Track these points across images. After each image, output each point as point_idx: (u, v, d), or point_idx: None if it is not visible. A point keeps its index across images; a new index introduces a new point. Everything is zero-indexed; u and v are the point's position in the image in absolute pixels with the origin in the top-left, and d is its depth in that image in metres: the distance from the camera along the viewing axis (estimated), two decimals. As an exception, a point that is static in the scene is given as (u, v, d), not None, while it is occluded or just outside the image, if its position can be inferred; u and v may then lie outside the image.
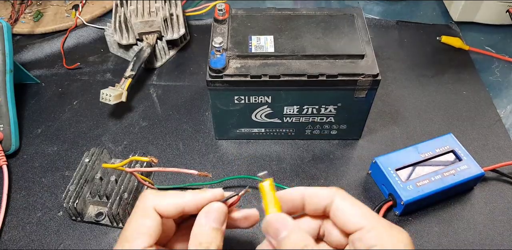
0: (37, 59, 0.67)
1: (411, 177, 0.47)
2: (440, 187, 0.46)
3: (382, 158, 0.48)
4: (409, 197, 0.45)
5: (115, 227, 0.47)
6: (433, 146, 0.49)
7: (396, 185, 0.46)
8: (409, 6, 0.77)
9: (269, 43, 0.48)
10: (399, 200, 0.45)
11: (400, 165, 0.47)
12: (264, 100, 0.49)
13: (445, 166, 0.48)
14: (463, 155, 0.48)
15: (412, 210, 0.47)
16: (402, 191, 0.45)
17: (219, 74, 0.46)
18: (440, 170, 0.47)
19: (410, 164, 0.48)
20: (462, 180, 0.46)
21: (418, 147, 0.49)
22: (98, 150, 0.50)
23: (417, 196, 0.45)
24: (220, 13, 0.51)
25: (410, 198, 0.45)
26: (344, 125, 0.53)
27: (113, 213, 0.45)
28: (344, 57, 0.47)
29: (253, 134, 0.54)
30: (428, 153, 0.48)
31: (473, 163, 0.48)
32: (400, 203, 0.45)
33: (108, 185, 0.47)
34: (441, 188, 0.46)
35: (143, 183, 0.45)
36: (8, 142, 0.54)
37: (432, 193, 0.45)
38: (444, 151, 0.49)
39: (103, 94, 0.56)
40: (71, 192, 0.46)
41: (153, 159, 0.40)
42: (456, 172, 0.47)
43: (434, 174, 0.47)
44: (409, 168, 0.48)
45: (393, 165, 0.47)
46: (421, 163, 0.48)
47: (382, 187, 0.49)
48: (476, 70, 0.65)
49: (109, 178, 0.47)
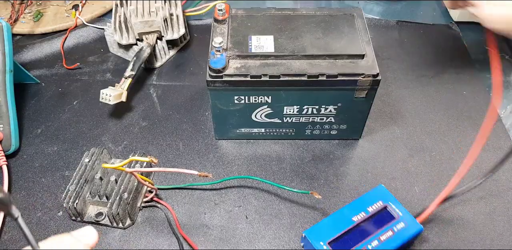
0: (37, 59, 0.67)
1: (347, 248, 0.41)
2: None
3: (311, 230, 0.42)
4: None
5: (115, 227, 0.47)
6: (365, 204, 0.44)
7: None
8: (409, 6, 0.77)
9: (269, 43, 0.48)
10: None
11: (333, 236, 0.42)
12: (264, 100, 0.49)
13: (381, 226, 0.43)
14: (398, 210, 0.44)
15: None
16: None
17: (219, 74, 0.46)
18: (376, 234, 0.42)
19: (343, 232, 0.42)
20: (401, 242, 0.42)
21: (350, 208, 0.44)
22: (98, 150, 0.50)
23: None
24: (220, 13, 0.51)
25: None
26: (344, 125, 0.53)
27: (113, 213, 0.45)
28: (344, 57, 0.47)
29: (253, 134, 0.54)
30: (361, 215, 0.43)
31: (409, 218, 0.43)
32: None
33: (108, 185, 0.47)
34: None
35: (143, 183, 0.45)
36: (8, 142, 0.54)
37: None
38: (377, 208, 0.44)
39: (103, 94, 0.56)
40: (71, 192, 0.46)
41: (153, 159, 0.40)
42: (394, 234, 0.42)
43: (370, 240, 0.42)
44: (343, 238, 0.42)
45: (325, 237, 0.41)
46: (355, 228, 0.43)
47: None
48: (476, 70, 0.65)
49: (109, 178, 0.47)
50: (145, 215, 0.48)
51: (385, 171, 0.52)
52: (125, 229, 0.47)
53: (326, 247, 0.41)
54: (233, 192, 0.50)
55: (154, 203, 0.49)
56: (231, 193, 0.50)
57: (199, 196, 0.50)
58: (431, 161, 0.53)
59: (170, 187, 0.51)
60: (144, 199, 0.49)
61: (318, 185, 0.51)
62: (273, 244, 0.46)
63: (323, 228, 0.42)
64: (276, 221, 0.48)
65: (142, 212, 0.49)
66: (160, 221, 0.48)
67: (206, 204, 0.49)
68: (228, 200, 0.50)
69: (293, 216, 0.48)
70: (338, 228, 0.42)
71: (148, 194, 0.49)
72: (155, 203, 0.49)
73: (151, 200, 0.49)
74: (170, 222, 0.47)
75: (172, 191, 0.50)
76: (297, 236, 0.46)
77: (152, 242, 0.46)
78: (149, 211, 0.49)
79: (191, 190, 0.50)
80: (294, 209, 0.49)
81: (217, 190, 0.51)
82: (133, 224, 0.47)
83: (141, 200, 0.49)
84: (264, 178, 0.51)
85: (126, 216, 0.47)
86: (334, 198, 0.50)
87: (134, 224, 0.47)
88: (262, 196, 0.50)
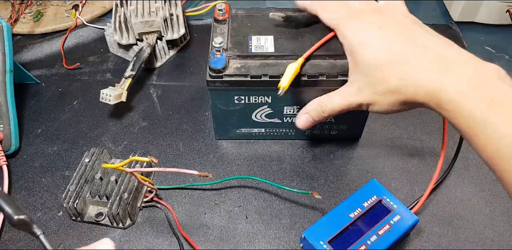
0: (37, 59, 0.67)
1: (347, 246, 0.42)
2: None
3: (310, 230, 0.43)
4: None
5: (115, 227, 0.47)
6: (360, 199, 0.45)
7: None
8: (409, 6, 0.76)
9: (269, 43, 0.48)
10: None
11: (332, 234, 0.42)
12: (264, 100, 0.49)
13: (378, 221, 0.43)
14: (393, 203, 0.45)
15: None
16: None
17: (219, 74, 0.46)
18: (374, 229, 0.43)
19: (342, 230, 0.43)
20: (398, 234, 0.43)
21: (346, 205, 0.44)
22: (98, 150, 0.50)
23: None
24: (220, 13, 0.51)
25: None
26: (344, 125, 0.53)
27: (113, 213, 0.45)
28: (344, 57, 0.47)
29: (253, 134, 0.54)
30: (357, 211, 0.44)
31: (404, 210, 0.44)
32: None
33: (108, 185, 0.47)
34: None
35: (143, 183, 0.45)
36: (8, 142, 0.54)
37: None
38: (372, 203, 0.45)
39: (103, 94, 0.56)
40: (71, 192, 0.46)
41: (153, 159, 0.40)
42: (391, 227, 0.43)
43: (369, 235, 0.42)
44: (342, 235, 0.43)
45: (324, 237, 0.42)
46: (353, 224, 0.43)
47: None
48: (476, 70, 0.64)
49: (109, 178, 0.47)
50: (145, 215, 0.48)
51: (385, 171, 0.52)
52: (125, 229, 0.47)
53: (326, 246, 0.41)
54: (233, 192, 0.50)
55: (154, 203, 0.49)
56: (231, 193, 0.50)
57: (199, 196, 0.50)
58: (431, 161, 0.53)
59: (170, 187, 0.51)
60: (144, 199, 0.49)
61: (318, 185, 0.51)
62: (273, 244, 0.46)
63: (322, 228, 0.43)
64: (276, 221, 0.48)
65: (142, 212, 0.49)
66: (160, 221, 0.48)
67: (206, 204, 0.49)
68: (228, 200, 0.50)
69: (293, 216, 0.48)
70: (336, 226, 0.43)
71: (148, 194, 0.49)
72: (155, 203, 0.49)
73: (151, 200, 0.49)
74: (170, 222, 0.47)
75: (172, 191, 0.51)
76: (297, 236, 0.46)
77: (152, 242, 0.46)
78: (149, 211, 0.49)
79: (191, 190, 0.50)
80: (294, 209, 0.49)
81: (217, 190, 0.51)
82: (133, 224, 0.47)
83: (141, 200, 0.49)
84: (264, 178, 0.51)
85: (126, 216, 0.47)
86: (334, 198, 0.50)
87: (134, 224, 0.47)
88: (262, 196, 0.50)
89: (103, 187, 0.47)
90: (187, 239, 0.46)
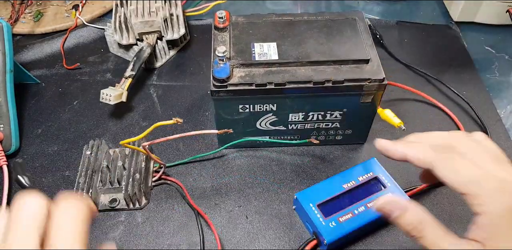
0: (37, 59, 0.67)
1: (334, 212, 0.43)
2: (364, 221, 0.43)
3: (303, 193, 0.45)
4: (331, 235, 0.42)
5: (132, 209, 0.49)
6: (356, 174, 0.46)
7: (318, 222, 0.43)
8: (409, 6, 0.77)
9: (272, 50, 0.47)
10: (322, 239, 0.42)
11: (322, 199, 0.44)
12: (269, 108, 0.48)
13: (368, 195, 0.45)
14: (387, 181, 0.46)
15: (338, 246, 0.45)
16: (324, 229, 0.42)
17: (224, 84, 0.45)
18: (363, 201, 0.44)
19: (332, 197, 0.44)
20: None
21: (341, 177, 0.46)
22: (97, 142, 0.51)
23: (340, 234, 0.42)
24: (221, 21, 0.50)
25: (332, 237, 0.42)
26: (349, 130, 0.52)
27: (130, 194, 0.47)
28: (349, 63, 0.46)
29: (257, 142, 0.54)
30: (351, 183, 0.45)
31: (397, 189, 0.45)
32: (323, 243, 0.42)
33: (117, 171, 0.49)
34: (365, 221, 0.43)
35: (155, 159, 0.49)
36: (8, 142, 0.54)
37: (356, 228, 0.42)
38: (367, 178, 0.46)
39: (103, 94, 0.56)
40: (81, 184, 0.47)
41: (178, 119, 0.41)
42: None
43: (357, 206, 0.44)
44: (332, 202, 0.44)
45: (314, 200, 0.44)
46: (344, 194, 0.45)
47: (306, 224, 0.46)
48: (476, 70, 0.65)
49: (116, 164, 0.49)
50: (157, 193, 0.50)
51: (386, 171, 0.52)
52: (142, 209, 0.49)
53: (315, 209, 0.44)
54: (234, 192, 0.50)
55: (163, 181, 0.51)
56: (232, 193, 0.50)
57: (200, 196, 0.50)
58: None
59: (175, 164, 0.53)
60: (153, 178, 0.51)
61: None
62: (273, 244, 0.46)
63: (314, 192, 0.45)
64: (276, 221, 0.48)
65: (154, 191, 0.51)
66: (172, 195, 0.50)
67: (206, 203, 0.49)
68: (229, 200, 0.50)
69: (293, 216, 0.48)
70: (328, 193, 0.45)
71: (156, 174, 0.51)
72: (165, 181, 0.51)
73: (160, 179, 0.51)
74: (182, 195, 0.50)
75: (177, 169, 0.53)
76: (297, 236, 0.46)
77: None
78: (160, 189, 0.51)
79: (191, 190, 0.51)
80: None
81: (217, 190, 0.51)
82: (148, 203, 0.49)
83: (151, 180, 0.51)
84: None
85: (142, 195, 0.49)
86: (334, 198, 0.50)
87: (149, 203, 0.49)
88: (262, 196, 0.50)
89: (112, 174, 0.49)
90: (199, 211, 0.48)
